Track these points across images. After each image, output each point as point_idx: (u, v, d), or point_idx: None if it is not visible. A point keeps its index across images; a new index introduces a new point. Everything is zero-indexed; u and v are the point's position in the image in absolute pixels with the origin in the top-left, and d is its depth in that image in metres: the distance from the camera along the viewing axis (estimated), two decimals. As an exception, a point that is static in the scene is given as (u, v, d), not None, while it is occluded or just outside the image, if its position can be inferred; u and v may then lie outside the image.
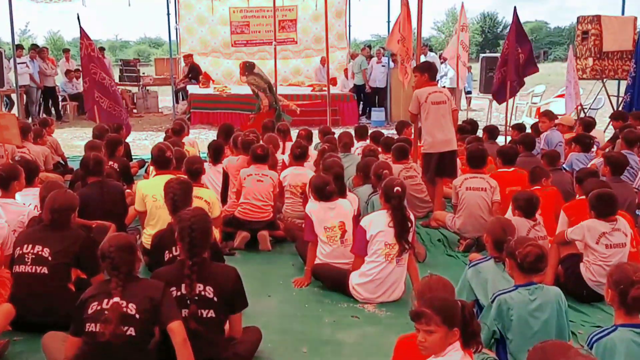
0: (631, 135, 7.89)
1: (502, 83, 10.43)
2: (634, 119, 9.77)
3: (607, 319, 4.75)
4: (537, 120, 11.74)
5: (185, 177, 5.34)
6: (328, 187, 5.41)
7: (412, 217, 5.12)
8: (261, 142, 7.11)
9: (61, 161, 9.29)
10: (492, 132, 9.01)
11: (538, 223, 5.30)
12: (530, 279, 3.72)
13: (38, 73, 15.73)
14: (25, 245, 4.32)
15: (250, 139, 7.09)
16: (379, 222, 4.99)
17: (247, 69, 11.03)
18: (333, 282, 5.26)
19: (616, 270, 3.30)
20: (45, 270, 4.26)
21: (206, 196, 5.60)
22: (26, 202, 5.36)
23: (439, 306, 2.86)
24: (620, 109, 11.80)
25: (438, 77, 15.54)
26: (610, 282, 3.26)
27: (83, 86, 9.96)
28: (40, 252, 4.28)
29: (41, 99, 16.30)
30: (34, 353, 4.01)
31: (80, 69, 11.87)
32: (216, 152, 7.13)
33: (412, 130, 8.34)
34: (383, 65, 16.38)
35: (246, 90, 12.25)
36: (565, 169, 7.71)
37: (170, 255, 4.34)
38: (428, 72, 7.18)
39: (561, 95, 14.43)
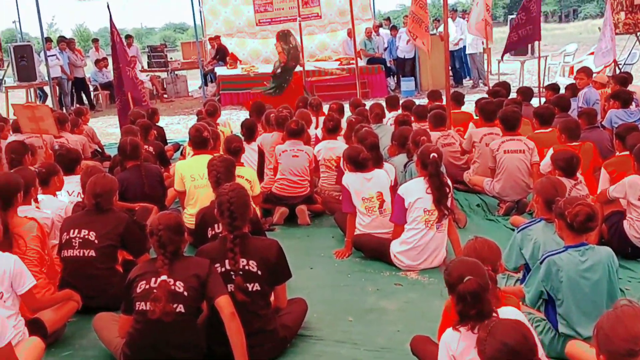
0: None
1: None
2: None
3: (654, 274, 4.72)
4: (571, 79, 11.55)
5: (228, 155, 5.37)
6: (362, 155, 5.41)
7: (449, 182, 5.10)
8: (294, 118, 7.11)
9: (98, 149, 9.43)
10: (526, 93, 8.86)
11: (580, 182, 5.23)
12: (580, 239, 3.64)
13: (68, 64, 15.93)
14: (72, 230, 4.43)
15: (284, 115, 7.10)
16: (416, 189, 4.98)
17: (281, 37, 11.57)
18: (374, 251, 5.27)
19: None
20: (92, 253, 4.38)
21: (247, 175, 5.65)
22: (69, 189, 5.47)
23: None
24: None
25: (456, 40, 15.43)
26: None
27: (114, 74, 10.17)
28: (86, 236, 4.38)
29: (73, 90, 16.54)
30: (87, 333, 4.13)
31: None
32: (250, 130, 7.15)
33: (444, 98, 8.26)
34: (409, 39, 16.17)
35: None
36: (604, 126, 7.57)
37: (213, 232, 4.40)
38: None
39: (593, 53, 14.14)
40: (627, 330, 1.95)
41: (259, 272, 3.71)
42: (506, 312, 2.81)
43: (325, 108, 8.88)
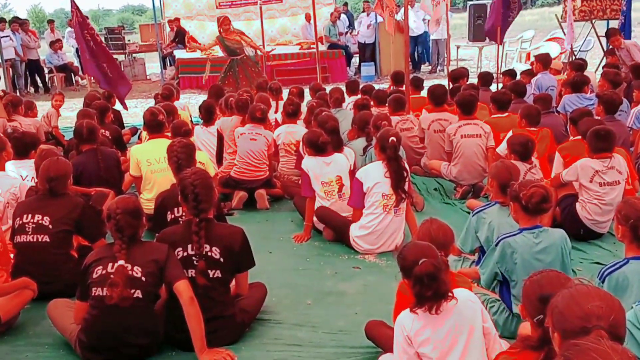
0: (617, 77, 7.86)
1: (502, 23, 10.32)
2: (610, 55, 9.78)
3: (605, 255, 4.86)
4: (527, 65, 11.72)
5: (187, 139, 5.29)
6: (321, 139, 5.41)
7: (407, 166, 5.14)
8: (255, 103, 7.03)
9: (52, 132, 9.22)
10: (486, 78, 8.96)
11: (534, 166, 5.32)
12: (535, 221, 3.72)
13: (21, 46, 15.51)
14: (25, 215, 4.33)
15: (244, 99, 7.04)
16: (375, 174, 5.01)
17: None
18: (337, 228, 5.28)
19: (624, 205, 3.28)
20: (46, 238, 4.29)
21: (200, 158, 5.57)
22: (22, 173, 5.35)
23: None
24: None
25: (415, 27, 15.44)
26: (619, 219, 3.23)
27: (81, 54, 9.82)
28: (40, 221, 4.29)
29: (27, 73, 16.14)
30: (41, 320, 4.05)
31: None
32: (208, 113, 7.07)
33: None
34: (370, 24, 16.21)
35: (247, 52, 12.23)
36: (559, 111, 7.70)
37: (173, 216, 4.36)
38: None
39: (551, 39, 14.36)
40: (581, 307, 1.99)
41: (222, 260, 3.68)
42: (458, 294, 2.87)
43: (285, 92, 8.86)
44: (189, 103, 11.66)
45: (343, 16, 17.61)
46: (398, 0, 15.01)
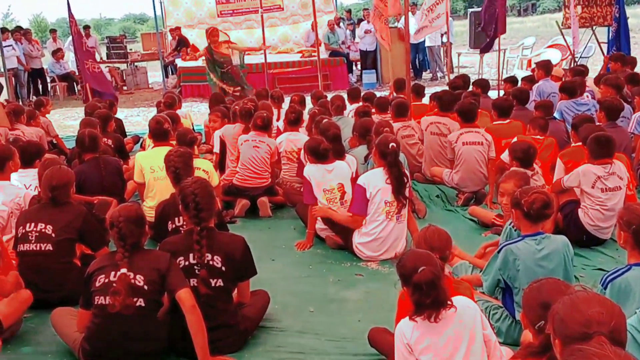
0: (618, 81, 7.85)
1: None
2: (614, 61, 9.75)
3: (607, 262, 4.85)
4: (528, 72, 11.74)
5: (185, 147, 5.30)
6: (322, 146, 5.42)
7: (407, 172, 5.16)
8: (259, 111, 7.04)
9: (54, 141, 9.24)
10: (482, 85, 8.97)
11: (536, 172, 5.33)
12: (537, 228, 3.72)
13: (23, 55, 15.57)
14: (28, 224, 4.34)
15: (248, 107, 7.05)
16: (376, 180, 5.01)
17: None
18: (342, 230, 5.25)
19: (625, 212, 3.28)
20: (49, 247, 4.30)
21: (204, 166, 5.61)
22: (25, 182, 5.35)
23: None
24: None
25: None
26: (621, 225, 3.24)
27: (79, 63, 9.92)
28: (43, 230, 4.30)
29: (31, 82, 16.18)
30: (45, 328, 4.06)
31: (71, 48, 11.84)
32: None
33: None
34: (369, 30, 16.26)
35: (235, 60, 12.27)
36: (556, 118, 7.70)
37: (174, 225, 4.36)
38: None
39: (552, 46, 14.39)
40: (582, 314, 2.00)
41: (223, 269, 3.68)
42: (457, 302, 2.88)
43: (287, 100, 8.88)
44: (191, 111, 11.71)
45: (342, 24, 17.67)
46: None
